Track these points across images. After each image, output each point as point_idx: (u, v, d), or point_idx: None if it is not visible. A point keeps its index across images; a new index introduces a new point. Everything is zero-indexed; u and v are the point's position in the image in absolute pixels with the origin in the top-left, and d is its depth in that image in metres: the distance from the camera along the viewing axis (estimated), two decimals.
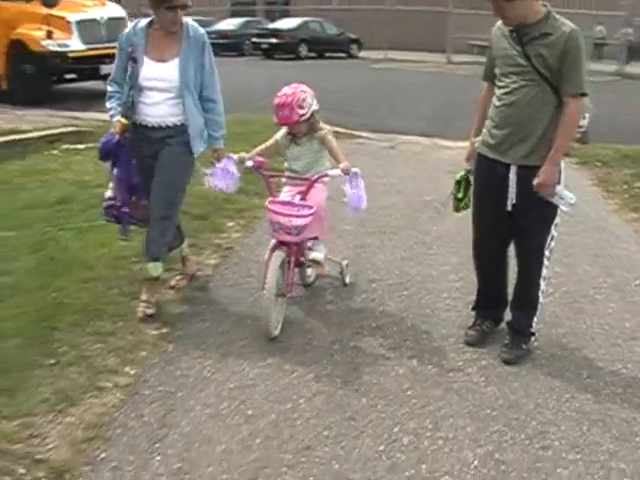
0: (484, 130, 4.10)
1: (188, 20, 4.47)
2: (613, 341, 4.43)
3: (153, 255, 4.53)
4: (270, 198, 4.55)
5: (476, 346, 4.26)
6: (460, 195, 4.33)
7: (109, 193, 4.51)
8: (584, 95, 3.77)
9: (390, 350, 4.28)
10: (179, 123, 4.42)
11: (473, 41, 30.17)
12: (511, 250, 4.28)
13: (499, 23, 4.01)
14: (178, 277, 5.11)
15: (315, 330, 4.54)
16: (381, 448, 3.36)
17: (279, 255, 4.35)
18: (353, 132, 11.30)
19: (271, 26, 32.41)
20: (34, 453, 3.28)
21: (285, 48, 30.40)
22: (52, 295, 4.77)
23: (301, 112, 4.53)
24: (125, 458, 3.27)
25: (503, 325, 4.41)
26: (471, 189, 4.28)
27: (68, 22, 14.23)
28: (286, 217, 4.33)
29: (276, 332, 4.38)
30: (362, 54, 32.45)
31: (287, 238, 4.38)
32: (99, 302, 4.74)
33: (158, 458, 3.27)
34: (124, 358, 4.12)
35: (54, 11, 14.22)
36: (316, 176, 4.53)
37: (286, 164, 4.87)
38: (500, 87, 3.96)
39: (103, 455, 3.29)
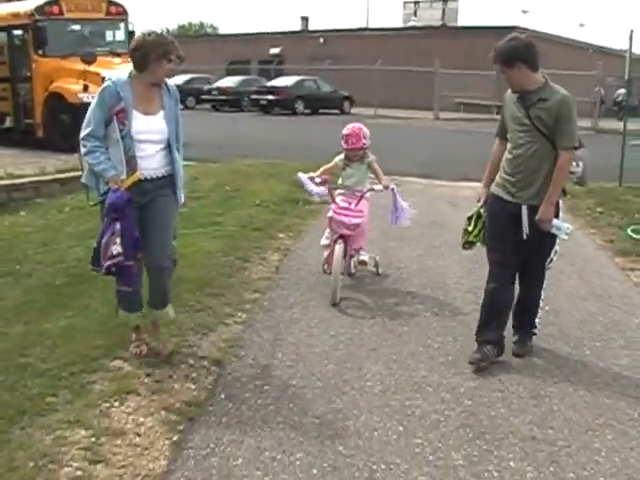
0: (498, 176, 4.92)
1: None
2: (568, 297, 6.48)
3: (166, 301, 5.00)
4: (333, 204, 6.41)
5: (479, 367, 4.96)
6: (470, 228, 5.13)
7: (118, 249, 4.46)
8: (575, 148, 4.64)
9: (418, 304, 6.30)
10: (167, 174, 4.68)
11: (459, 99, 32.67)
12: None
13: (509, 91, 4.79)
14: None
15: (363, 298, 6.52)
16: (420, 349, 5.34)
17: (340, 246, 6.18)
18: None
19: (269, 84, 34.69)
20: (196, 353, 5.19)
21: (282, 104, 32.63)
22: None
23: (364, 141, 6.43)
24: (257, 354, 5.21)
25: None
26: (480, 223, 5.11)
27: (102, 77, 16.01)
28: (346, 217, 6.19)
29: (338, 299, 6.23)
30: (354, 111, 34.79)
31: (346, 232, 6.20)
32: (205, 279, 6.69)
33: (279, 354, 5.21)
34: (235, 308, 6.06)
35: (90, 67, 15.70)
36: (365, 189, 6.42)
37: (340, 180, 6.68)
38: (510, 142, 4.80)
39: (242, 353, 5.22)
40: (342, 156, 6.57)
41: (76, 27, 17.67)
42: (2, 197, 10.83)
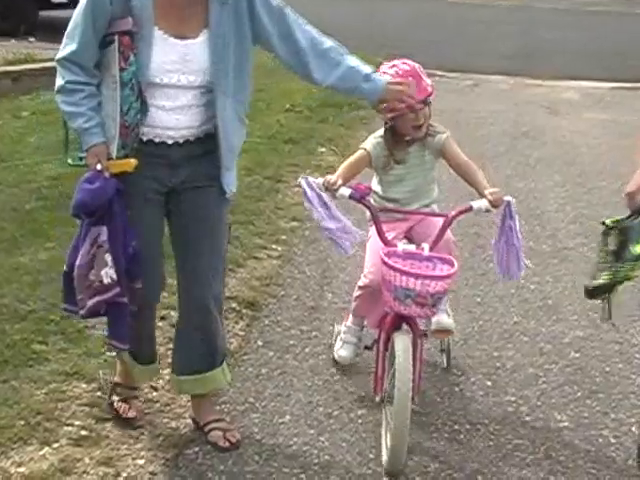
0: None
1: None
2: None
3: (215, 362, 4.10)
4: (384, 247, 3.98)
5: None
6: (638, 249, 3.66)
7: (112, 274, 3.61)
8: None
9: None
10: (207, 134, 3.77)
11: None
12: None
13: None
14: None
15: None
16: (512, 291, 5.75)
17: (405, 340, 3.85)
18: (427, 71, 13.71)
19: None
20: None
21: None
22: None
23: (429, 83, 4.23)
24: (301, 295, 5.63)
25: None
26: None
27: None
28: (419, 279, 3.71)
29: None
30: None
31: (419, 312, 3.82)
32: None
33: (329, 295, 5.64)
34: (268, 239, 6.49)
35: None
36: (454, 212, 4.07)
37: (379, 188, 4.47)
38: None
39: (282, 293, 5.66)
40: (379, 136, 4.39)
41: None
42: None
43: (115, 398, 4.16)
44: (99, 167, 3.51)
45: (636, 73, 13.60)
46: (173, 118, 3.64)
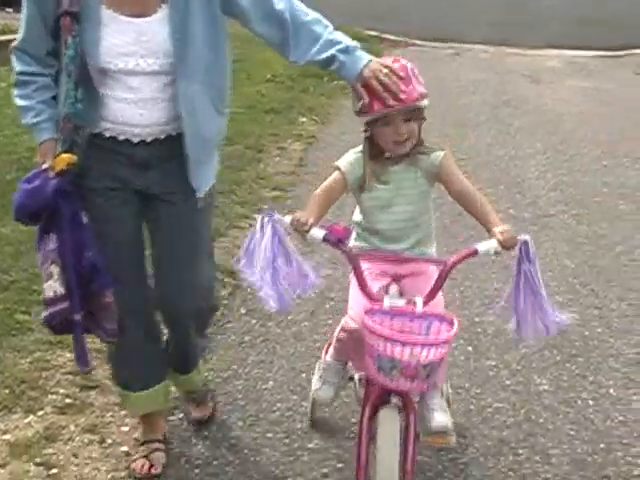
0: None
1: None
2: None
3: (189, 366, 3.96)
4: (364, 298, 3.23)
5: None
6: None
7: (56, 287, 3.23)
8: None
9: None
10: (176, 133, 3.33)
11: None
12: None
13: None
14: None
15: None
16: (493, 257, 5.81)
17: (392, 419, 3.16)
18: (405, 40, 13.74)
19: None
20: None
21: None
22: None
23: (421, 90, 3.20)
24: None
25: None
26: None
27: None
28: (409, 346, 2.92)
29: None
30: None
31: (408, 386, 3.03)
32: None
33: (312, 263, 5.68)
34: (250, 209, 6.53)
35: None
36: (454, 258, 3.20)
37: (360, 218, 3.52)
38: None
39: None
40: (359, 152, 3.39)
41: None
42: None
43: (137, 463, 3.64)
44: (44, 166, 3.14)
45: (619, 41, 13.64)
46: (137, 113, 3.21)
